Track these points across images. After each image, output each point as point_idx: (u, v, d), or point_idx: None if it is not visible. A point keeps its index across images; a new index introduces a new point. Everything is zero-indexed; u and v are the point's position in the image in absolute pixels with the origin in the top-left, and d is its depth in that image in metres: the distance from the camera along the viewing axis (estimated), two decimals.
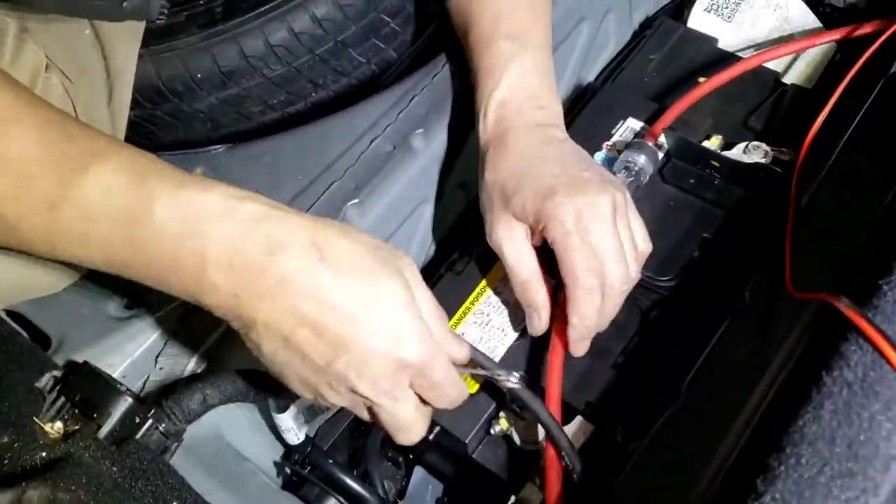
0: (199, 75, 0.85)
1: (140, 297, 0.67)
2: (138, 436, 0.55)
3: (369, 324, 0.50)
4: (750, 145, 0.78)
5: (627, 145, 0.76)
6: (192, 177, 0.51)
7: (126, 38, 0.76)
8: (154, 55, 0.85)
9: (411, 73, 0.84)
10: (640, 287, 0.72)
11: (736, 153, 0.78)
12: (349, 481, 0.69)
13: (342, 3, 0.85)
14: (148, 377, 0.65)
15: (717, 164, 0.74)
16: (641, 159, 0.74)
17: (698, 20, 0.93)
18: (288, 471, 0.72)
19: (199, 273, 0.49)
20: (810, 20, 0.89)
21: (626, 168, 0.74)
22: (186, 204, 0.49)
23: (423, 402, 0.56)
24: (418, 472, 0.76)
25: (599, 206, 0.62)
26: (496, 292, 0.73)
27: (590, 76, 0.95)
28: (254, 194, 0.51)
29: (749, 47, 0.91)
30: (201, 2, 0.87)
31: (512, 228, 0.64)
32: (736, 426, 0.49)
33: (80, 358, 0.62)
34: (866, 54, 0.71)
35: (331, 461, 0.71)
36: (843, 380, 0.37)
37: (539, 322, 0.65)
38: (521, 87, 0.70)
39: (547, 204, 0.61)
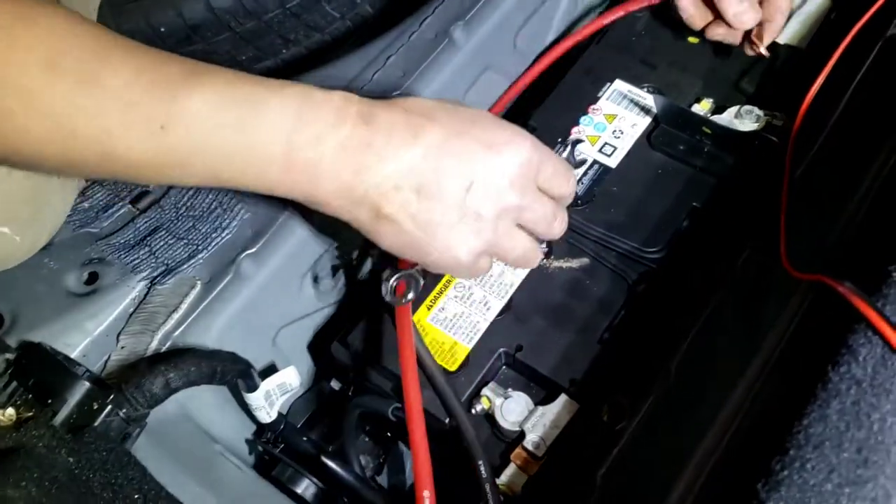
0: (162, 29, 0.80)
1: (102, 270, 0.64)
2: (96, 423, 0.52)
3: (492, 127, 0.57)
4: (742, 109, 0.74)
5: None
6: (279, 81, 0.53)
7: None
8: (116, 8, 0.80)
9: (388, 29, 0.79)
10: (627, 259, 0.69)
11: (727, 117, 0.75)
12: (325, 459, 0.66)
13: None
14: (109, 356, 0.62)
15: (707, 130, 0.71)
16: None
17: None
18: (260, 449, 0.69)
19: (317, 163, 0.52)
20: None
21: None
22: (292, 100, 0.52)
23: None
24: (398, 448, 0.74)
25: None
26: None
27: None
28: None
29: None
30: None
31: None
32: (726, 414, 0.47)
33: (35, 338, 0.59)
34: (864, 17, 0.67)
35: (305, 438, 0.68)
36: (852, 376, 0.35)
37: None
38: None
39: None
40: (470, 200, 0.56)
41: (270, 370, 0.70)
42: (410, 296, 0.60)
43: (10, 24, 0.46)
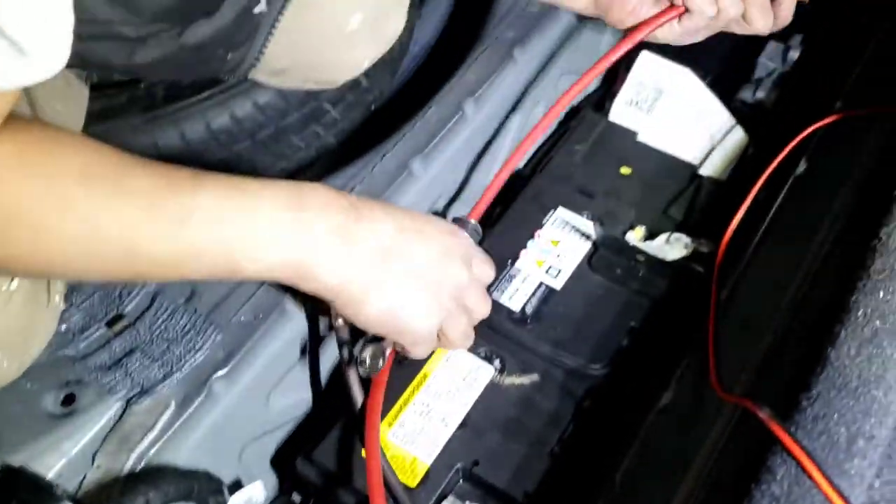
0: None
1: (79, 391, 0.67)
2: None
3: (440, 220, 0.68)
4: (671, 237, 0.83)
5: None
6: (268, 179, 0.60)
7: (67, 119, 0.77)
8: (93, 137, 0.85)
9: (349, 158, 0.86)
10: (574, 375, 0.75)
11: (659, 243, 0.83)
12: None
13: (285, 92, 0.87)
14: (85, 476, 0.64)
15: (640, 258, 0.79)
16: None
17: (620, 112, 0.98)
18: None
19: (314, 245, 0.58)
20: (725, 116, 0.95)
21: None
22: (286, 191, 0.58)
23: None
24: None
25: None
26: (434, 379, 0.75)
27: (519, 164, 0.99)
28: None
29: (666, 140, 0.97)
30: (142, 84, 0.88)
31: None
32: None
33: (14, 459, 0.61)
34: (778, 157, 0.77)
35: None
36: (771, 493, 0.41)
37: None
38: None
39: None
40: (434, 271, 0.64)
41: (236, 486, 0.73)
42: (381, 364, 0.66)
43: (45, 144, 0.52)
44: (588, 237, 0.83)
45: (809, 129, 0.75)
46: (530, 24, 0.95)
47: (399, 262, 0.62)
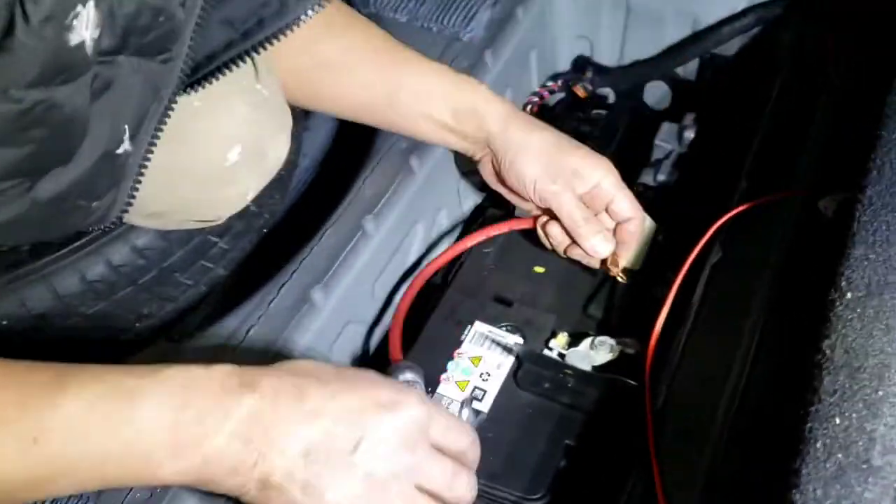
0: (4, 322, 0.77)
1: None
2: None
3: (377, 385, 0.58)
4: (596, 341, 0.78)
5: None
6: (153, 366, 0.53)
7: None
8: None
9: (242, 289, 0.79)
10: None
11: (584, 350, 0.78)
12: None
13: (165, 231, 0.80)
14: None
15: (567, 370, 0.74)
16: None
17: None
18: None
19: (205, 442, 0.51)
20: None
21: None
22: (173, 384, 0.51)
23: None
24: None
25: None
26: None
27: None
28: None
29: None
30: None
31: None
32: None
33: None
34: (699, 244, 0.74)
35: None
36: None
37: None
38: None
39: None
40: (359, 460, 0.55)
41: None
42: None
43: None
44: (510, 351, 0.78)
45: (725, 218, 0.73)
46: None
47: (311, 457, 0.53)
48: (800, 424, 0.42)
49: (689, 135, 0.95)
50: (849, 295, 0.45)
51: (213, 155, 0.72)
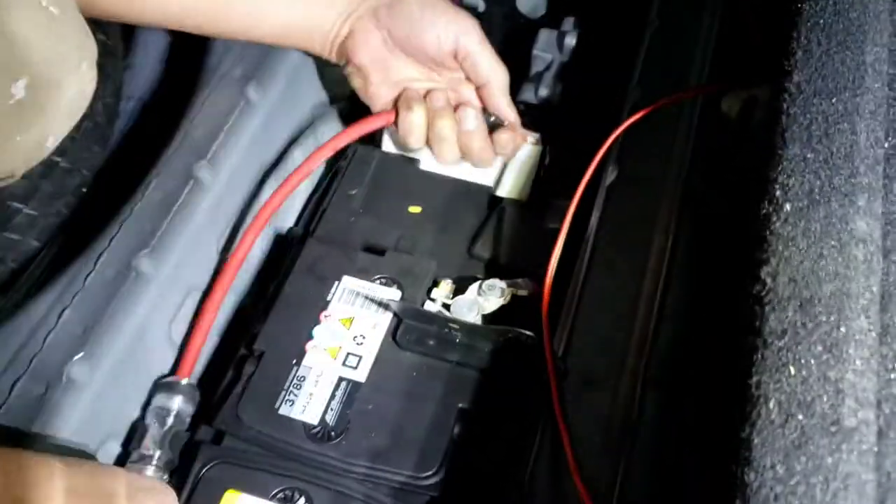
0: None
1: None
2: None
3: None
4: (484, 285, 0.68)
5: (156, 386, 0.64)
6: None
7: None
8: None
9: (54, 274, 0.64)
10: (402, 493, 0.58)
11: (471, 297, 0.68)
12: None
13: None
14: None
15: (454, 325, 0.63)
16: (176, 402, 0.63)
17: (393, 140, 0.83)
18: None
19: None
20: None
21: (158, 419, 0.62)
22: None
23: None
24: None
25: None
26: None
27: (288, 222, 0.81)
28: None
29: None
30: None
31: None
32: None
33: None
34: (593, 164, 0.64)
35: None
36: None
37: None
38: None
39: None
40: None
41: None
42: None
43: None
44: (386, 307, 0.67)
45: (617, 131, 0.62)
46: (262, 52, 0.77)
47: None
48: (743, 378, 0.32)
49: (571, 41, 0.85)
50: (787, 207, 0.35)
51: None
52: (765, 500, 0.29)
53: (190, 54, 0.83)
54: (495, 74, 0.73)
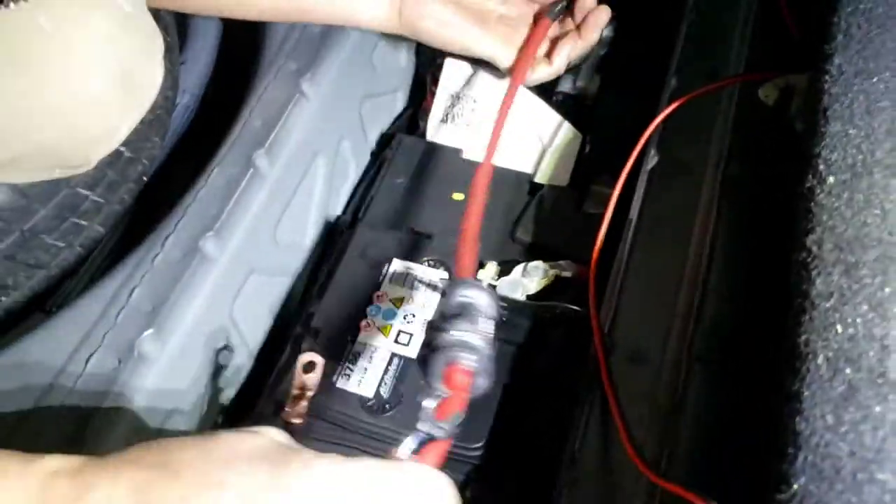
0: None
1: None
2: None
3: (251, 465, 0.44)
4: (528, 266, 0.71)
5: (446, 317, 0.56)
6: None
7: None
8: None
9: (122, 255, 0.68)
10: (451, 462, 0.61)
11: (515, 277, 0.71)
12: None
13: (21, 186, 0.67)
14: None
15: (502, 303, 0.66)
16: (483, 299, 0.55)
17: (436, 131, 0.86)
18: None
19: None
20: (549, 113, 0.85)
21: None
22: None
23: None
24: None
25: None
26: None
27: (336, 209, 0.84)
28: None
29: None
30: None
31: None
32: None
33: None
34: (636, 150, 0.66)
35: None
36: None
37: None
38: None
39: None
40: None
41: None
42: None
43: None
44: (435, 288, 0.70)
45: (658, 119, 0.65)
46: (314, 47, 0.80)
47: None
48: (792, 337, 0.35)
49: (608, 32, 0.87)
50: (830, 179, 0.38)
51: (70, 84, 0.60)
52: (815, 446, 0.31)
53: (239, 51, 0.87)
54: None
